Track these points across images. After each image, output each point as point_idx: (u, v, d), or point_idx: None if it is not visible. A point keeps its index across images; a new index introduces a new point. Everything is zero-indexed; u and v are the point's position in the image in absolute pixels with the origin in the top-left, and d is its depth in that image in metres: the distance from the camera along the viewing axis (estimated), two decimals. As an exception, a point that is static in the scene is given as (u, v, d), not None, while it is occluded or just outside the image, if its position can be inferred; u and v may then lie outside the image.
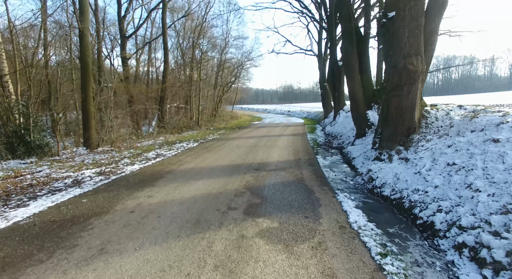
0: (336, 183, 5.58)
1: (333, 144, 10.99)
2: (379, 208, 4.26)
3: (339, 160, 8.02)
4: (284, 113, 42.19)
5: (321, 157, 8.44)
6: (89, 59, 10.50)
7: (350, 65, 8.37)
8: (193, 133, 16.09)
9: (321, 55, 22.26)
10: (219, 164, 7.16)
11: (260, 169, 6.66)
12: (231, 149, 9.72)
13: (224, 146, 10.37)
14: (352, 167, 6.95)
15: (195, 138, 13.08)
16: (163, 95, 19.44)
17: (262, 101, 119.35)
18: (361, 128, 8.57)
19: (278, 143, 11.21)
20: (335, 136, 12.73)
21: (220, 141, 11.94)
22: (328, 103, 22.33)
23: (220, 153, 8.81)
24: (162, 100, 19.73)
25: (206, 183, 5.40)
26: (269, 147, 9.99)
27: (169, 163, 7.32)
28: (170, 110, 26.54)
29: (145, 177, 5.82)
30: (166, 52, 19.59)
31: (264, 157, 8.19)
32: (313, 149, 9.74)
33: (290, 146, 10.30)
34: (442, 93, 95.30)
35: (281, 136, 13.56)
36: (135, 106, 17.62)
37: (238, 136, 14.02)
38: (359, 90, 8.44)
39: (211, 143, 11.29)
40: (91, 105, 10.68)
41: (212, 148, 10.03)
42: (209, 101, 30.14)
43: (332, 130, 14.48)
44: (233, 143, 11.33)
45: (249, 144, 10.94)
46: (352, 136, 9.79)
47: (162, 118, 19.09)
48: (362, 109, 8.51)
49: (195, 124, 20.84)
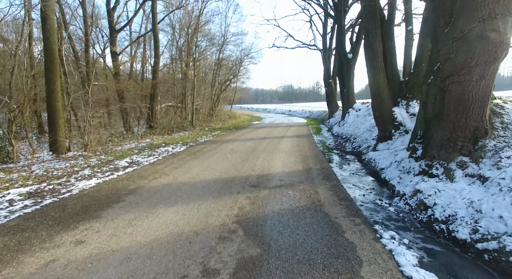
0: (369, 210, 3.84)
1: (347, 148, 9.25)
2: (463, 268, 2.53)
3: (360, 170, 6.29)
4: (285, 113, 40.45)
5: (337, 165, 6.71)
6: (54, 45, 8.76)
7: (373, 50, 6.64)
8: (184, 134, 14.36)
9: (326, 49, 20.52)
10: (205, 178, 5.42)
11: (260, 185, 4.92)
12: (224, 154, 7.99)
13: (216, 151, 8.63)
14: (382, 181, 5.22)
15: (185, 141, 11.34)
16: (154, 93, 17.74)
17: (262, 100, 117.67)
18: (386, 130, 6.84)
19: (281, 146, 9.48)
20: (346, 138, 10.99)
21: (213, 144, 10.20)
22: (334, 101, 20.61)
23: (210, 161, 7.07)
24: (152, 98, 18.03)
25: (179, 212, 3.66)
26: (271, 152, 8.26)
27: (139, 176, 5.58)
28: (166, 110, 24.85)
29: (94, 201, 4.07)
30: (157, 46, 17.88)
31: (264, 166, 6.45)
32: (324, 155, 8.00)
33: (296, 151, 8.56)
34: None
35: (283, 138, 11.83)
36: (120, 105, 15.88)
37: (235, 138, 12.28)
38: (383, 83, 6.71)
39: (201, 147, 9.55)
40: (57, 101, 8.94)
41: (202, 153, 8.29)
42: (206, 100, 28.45)
43: (342, 131, 12.74)
44: (228, 146, 9.60)
45: (247, 148, 9.20)
46: (371, 139, 8.06)
47: (152, 117, 17.35)
48: (387, 106, 6.78)
49: (189, 125, 19.12)
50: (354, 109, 13.64)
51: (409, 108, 6.87)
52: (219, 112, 31.40)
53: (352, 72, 13.76)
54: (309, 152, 8.47)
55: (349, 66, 13.62)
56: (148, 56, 25.99)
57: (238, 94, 51.01)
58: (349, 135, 11.03)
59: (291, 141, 10.98)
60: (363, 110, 13.03)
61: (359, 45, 13.48)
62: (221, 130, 16.07)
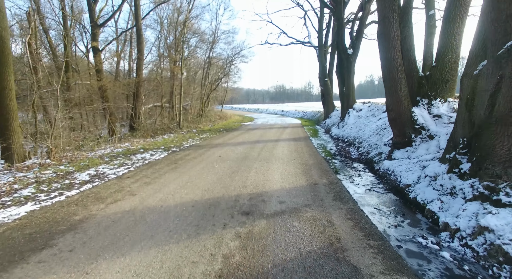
0: (415, 257, 2.65)
1: (352, 154, 8.10)
2: None
3: (376, 184, 5.11)
4: (278, 113, 39.34)
5: (346, 178, 5.53)
6: (5, 33, 7.29)
7: (389, 38, 5.48)
8: (169, 137, 12.99)
9: (322, 46, 19.44)
10: (181, 200, 4.14)
11: (254, 211, 3.68)
12: (210, 164, 6.71)
13: (202, 159, 7.33)
14: (411, 202, 4.04)
15: (168, 145, 9.99)
16: (137, 92, 16.30)
17: (253, 101, 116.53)
18: (404, 134, 5.69)
19: (277, 152, 8.25)
20: (349, 142, 9.85)
21: (198, 150, 8.89)
22: (330, 101, 19.55)
23: (192, 173, 5.78)
24: (135, 97, 16.58)
25: (131, 269, 2.38)
26: (266, 161, 7.03)
27: (96, 198, 4.25)
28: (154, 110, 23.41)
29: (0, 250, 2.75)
30: (140, 41, 16.45)
31: (258, 180, 5.21)
32: (328, 163, 6.82)
33: (295, 158, 7.36)
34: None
35: (278, 142, 10.61)
36: (98, 104, 14.36)
37: (224, 141, 11.00)
38: (401, 78, 5.56)
39: (185, 154, 8.23)
40: (11, 100, 7.49)
41: (184, 162, 6.98)
42: (196, 100, 27.07)
43: (342, 133, 11.62)
44: (216, 152, 8.31)
45: (237, 154, 7.94)
46: (382, 144, 6.92)
47: (135, 118, 15.89)
48: (405, 106, 5.64)
49: (176, 126, 17.72)
50: (354, 110, 12.56)
51: (431, 108, 5.74)
52: (209, 112, 30.04)
53: (353, 69, 12.67)
54: (310, 159, 7.27)
55: (349, 63, 12.53)
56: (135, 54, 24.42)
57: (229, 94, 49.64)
58: (352, 139, 9.90)
59: (287, 145, 9.77)
60: (365, 110, 11.95)
61: (359, 39, 12.41)
62: (210, 132, 14.75)
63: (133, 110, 16.58)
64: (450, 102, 5.68)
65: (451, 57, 5.46)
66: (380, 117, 9.63)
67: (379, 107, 10.79)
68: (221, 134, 14.09)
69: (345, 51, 12.55)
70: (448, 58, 5.49)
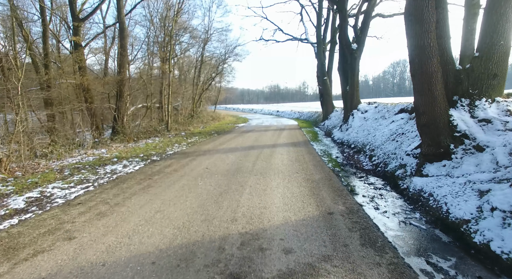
0: None
1: (364, 164, 6.83)
2: None
3: (410, 212, 3.82)
4: (273, 114, 38.08)
5: (368, 202, 4.23)
6: None
7: (422, 20, 4.20)
8: (154, 141, 11.59)
9: (321, 42, 18.21)
10: (137, 251, 2.79)
11: (247, 275, 2.36)
12: (193, 180, 5.36)
13: (184, 172, 5.97)
14: (482, 253, 2.76)
15: (148, 152, 8.59)
16: (120, 91, 14.82)
17: (248, 101, 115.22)
18: (438, 144, 4.43)
19: (275, 162, 6.94)
20: (357, 148, 8.60)
21: (183, 159, 7.52)
22: (329, 101, 18.34)
23: (166, 196, 4.42)
24: (118, 97, 15.08)
25: None
26: (262, 174, 5.71)
27: (6, 249, 2.87)
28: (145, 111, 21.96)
29: None
30: (123, 35, 15.00)
31: (254, 208, 3.89)
32: (338, 178, 5.53)
33: (298, 171, 6.05)
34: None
35: (276, 148, 9.30)
36: (72, 105, 12.85)
37: (215, 147, 9.64)
38: (437, 71, 4.29)
39: (165, 164, 6.86)
40: None
41: (161, 177, 5.61)
42: (187, 100, 25.65)
43: (347, 137, 10.37)
44: (203, 162, 6.95)
45: (228, 165, 6.60)
46: (404, 154, 5.65)
47: (118, 120, 14.39)
48: (441, 108, 4.38)
49: (164, 128, 16.29)
50: (359, 111, 11.33)
51: (475, 111, 4.49)
52: (202, 113, 28.65)
53: (357, 65, 11.45)
54: (316, 172, 5.97)
55: (353, 59, 11.30)
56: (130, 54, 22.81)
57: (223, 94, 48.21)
58: (360, 144, 8.64)
59: (286, 152, 8.46)
60: (371, 111, 10.73)
61: (365, 33, 11.19)
62: (200, 136, 13.37)
63: (116, 111, 15.12)
64: (499, 102, 4.44)
65: (502, 45, 4.22)
66: (392, 119, 8.40)
67: (388, 108, 9.57)
68: (212, 137, 12.72)
69: (349, 46, 11.32)
70: (498, 46, 4.25)
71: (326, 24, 19.43)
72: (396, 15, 14.09)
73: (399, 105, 9.02)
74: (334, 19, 18.04)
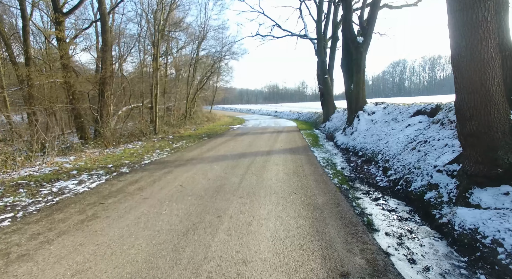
0: None
1: (378, 180, 5.53)
2: None
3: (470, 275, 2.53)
4: (271, 114, 36.77)
5: (399, 250, 2.93)
6: None
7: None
8: (135, 146, 10.28)
9: (321, 38, 16.92)
10: None
11: None
12: (157, 206, 4.04)
13: (150, 193, 4.65)
14: None
15: (120, 162, 7.27)
16: (103, 90, 13.51)
17: (246, 101, 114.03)
18: (494, 161, 3.15)
19: (268, 175, 5.63)
20: (367, 157, 7.30)
21: (156, 172, 6.20)
22: (330, 102, 17.06)
23: (107, 237, 3.09)
24: (100, 97, 13.77)
25: None
26: (250, 196, 4.40)
27: None
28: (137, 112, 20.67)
29: None
30: (105, 29, 13.74)
31: (229, 260, 2.58)
32: (349, 202, 4.23)
33: (295, 190, 4.74)
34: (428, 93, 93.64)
35: (271, 155, 8.00)
36: (45, 104, 11.49)
37: (200, 154, 8.32)
38: (494, 59, 3.01)
39: (132, 180, 5.53)
40: None
41: (117, 201, 4.29)
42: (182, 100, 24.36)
43: (352, 143, 9.08)
44: (180, 177, 5.64)
45: (209, 181, 5.28)
46: (432, 169, 4.35)
47: (101, 122, 13.03)
48: (499, 111, 3.10)
49: (152, 131, 14.98)
50: (365, 112, 10.04)
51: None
52: (196, 113, 27.35)
53: (363, 61, 10.15)
54: (320, 191, 4.67)
55: (359, 54, 10.01)
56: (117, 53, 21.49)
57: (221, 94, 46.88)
58: (369, 152, 7.35)
59: (283, 161, 7.16)
60: (380, 113, 9.44)
61: (372, 24, 9.90)
62: (188, 140, 12.05)
63: (98, 112, 13.81)
64: None
65: None
66: (407, 123, 7.10)
67: (400, 109, 8.28)
68: (201, 142, 11.40)
69: (354, 40, 10.02)
70: None
71: (327, 19, 18.16)
72: (404, 6, 12.80)
73: (414, 106, 7.72)
74: (336, 14, 16.78)
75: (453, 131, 4.91)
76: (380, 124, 8.62)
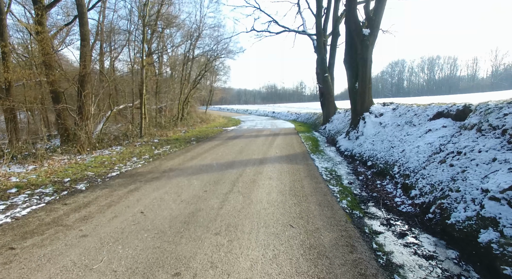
0: None
1: (398, 202, 4.32)
2: None
3: None
4: (268, 115, 35.57)
5: None
6: None
7: None
8: (112, 152, 9.04)
9: (321, 34, 15.71)
10: None
11: None
12: (94, 253, 2.79)
13: (93, 227, 3.40)
14: None
15: (82, 174, 6.02)
16: (83, 88, 12.24)
17: (244, 101, 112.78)
18: None
19: (258, 196, 4.40)
20: (377, 168, 6.08)
21: (119, 190, 4.95)
22: (331, 102, 15.87)
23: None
24: (79, 96, 12.48)
25: None
26: (229, 233, 3.16)
27: None
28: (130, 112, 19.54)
29: None
30: (83, 22, 12.45)
31: None
32: (368, 245, 3.02)
33: (291, 221, 3.52)
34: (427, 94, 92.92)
35: (264, 164, 6.78)
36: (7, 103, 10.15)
37: (181, 163, 7.07)
38: None
39: (80, 204, 4.27)
40: None
41: (43, 241, 3.03)
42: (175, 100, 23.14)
43: (358, 149, 7.88)
44: (144, 198, 4.40)
45: (181, 205, 4.04)
46: (485, 196, 3.15)
47: (81, 124, 11.72)
48: None
49: (138, 134, 13.71)
50: (372, 114, 8.85)
51: None
52: (190, 114, 26.13)
53: (370, 56, 8.95)
54: (325, 224, 3.45)
55: (365, 47, 8.81)
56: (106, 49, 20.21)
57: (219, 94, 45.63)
58: (381, 162, 6.14)
59: (277, 173, 5.93)
60: (389, 115, 8.26)
61: (380, 13, 8.70)
62: (173, 144, 10.81)
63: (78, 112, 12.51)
64: None
65: None
66: (427, 127, 5.90)
67: (415, 110, 7.07)
68: (187, 147, 10.15)
69: (359, 32, 8.83)
70: None
71: (326, 14, 16.97)
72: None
73: (432, 106, 6.52)
74: (336, 8, 15.60)
75: (501, 140, 3.71)
76: (391, 128, 7.42)
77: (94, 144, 10.28)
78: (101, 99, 14.27)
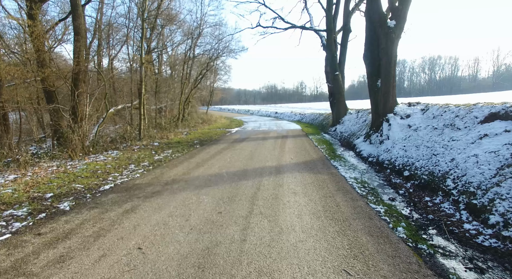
0: None
1: (473, 233, 3.35)
2: None
3: None
4: (271, 115, 34.60)
5: None
6: None
7: None
8: (107, 158, 8.07)
9: (332, 29, 14.77)
10: None
11: None
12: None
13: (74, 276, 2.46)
14: None
15: (68, 188, 5.05)
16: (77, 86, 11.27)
17: (244, 101, 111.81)
18: None
19: (287, 222, 3.43)
20: (419, 180, 5.12)
21: (113, 209, 3.97)
22: (342, 102, 14.92)
23: None
24: (73, 95, 11.50)
25: None
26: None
27: None
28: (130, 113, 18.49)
29: None
30: (76, 16, 11.52)
31: None
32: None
33: (344, 264, 2.56)
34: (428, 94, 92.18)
35: (282, 174, 5.81)
36: None
37: (186, 172, 6.09)
38: None
39: (68, 229, 3.29)
40: None
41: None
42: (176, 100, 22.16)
43: (386, 155, 6.93)
44: (143, 225, 3.42)
45: (190, 238, 3.06)
46: None
47: (75, 125, 10.70)
48: None
49: (137, 136, 12.73)
50: (398, 115, 7.90)
51: None
52: (191, 115, 25.14)
53: (395, 50, 8.01)
54: (391, 269, 2.49)
55: (390, 41, 7.86)
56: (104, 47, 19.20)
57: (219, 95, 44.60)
58: (424, 173, 5.17)
59: (301, 186, 4.96)
60: (418, 116, 7.32)
61: (407, 2, 7.76)
62: (176, 148, 9.83)
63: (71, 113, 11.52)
64: None
65: None
66: (480, 132, 4.95)
67: (456, 112, 6.10)
68: (191, 151, 9.17)
69: (384, 23, 7.89)
70: None
71: (336, 8, 16.01)
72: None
73: (480, 107, 5.56)
74: (347, 1, 14.67)
75: None
76: (425, 132, 6.46)
77: (87, 149, 9.28)
78: (98, 99, 13.27)
